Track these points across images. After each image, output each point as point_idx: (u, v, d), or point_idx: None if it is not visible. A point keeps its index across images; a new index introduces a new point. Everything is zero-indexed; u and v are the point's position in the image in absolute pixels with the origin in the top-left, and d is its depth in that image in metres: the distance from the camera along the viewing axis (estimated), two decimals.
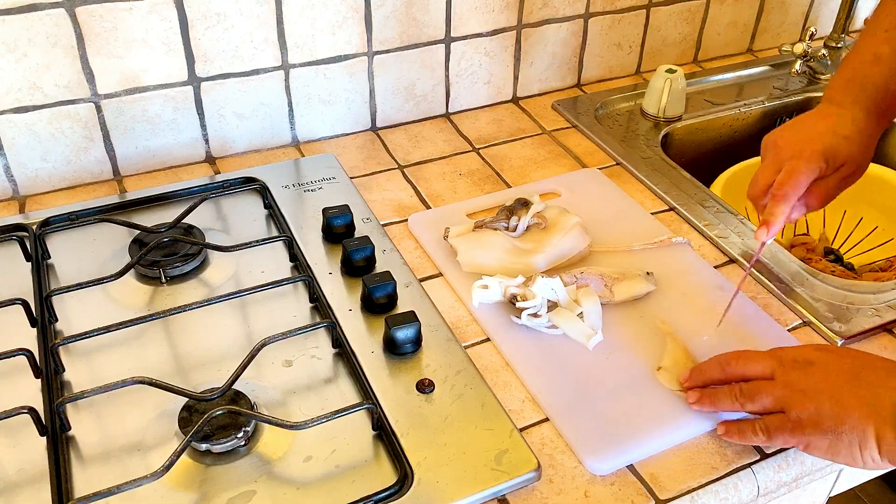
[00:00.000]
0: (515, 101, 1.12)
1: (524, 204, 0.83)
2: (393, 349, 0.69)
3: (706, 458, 0.63)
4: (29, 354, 0.65)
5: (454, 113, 1.09)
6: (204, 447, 0.61)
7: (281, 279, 0.74)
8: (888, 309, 0.76)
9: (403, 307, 0.74)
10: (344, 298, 0.75)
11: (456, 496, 0.58)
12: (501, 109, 1.10)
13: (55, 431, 0.62)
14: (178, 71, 0.89)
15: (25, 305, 0.71)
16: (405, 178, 0.95)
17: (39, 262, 0.79)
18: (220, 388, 0.62)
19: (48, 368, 0.67)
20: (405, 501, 0.57)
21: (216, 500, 0.58)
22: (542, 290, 0.73)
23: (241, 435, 0.61)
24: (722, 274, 0.80)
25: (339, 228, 0.82)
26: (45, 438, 0.62)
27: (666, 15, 1.16)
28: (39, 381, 0.67)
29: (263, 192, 0.90)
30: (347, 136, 1.03)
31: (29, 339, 0.71)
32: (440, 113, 1.08)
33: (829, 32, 1.17)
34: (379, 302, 0.73)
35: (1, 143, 0.86)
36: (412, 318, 0.69)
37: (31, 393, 0.66)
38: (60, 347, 0.68)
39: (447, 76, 1.05)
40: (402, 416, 0.64)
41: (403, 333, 0.68)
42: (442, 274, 0.80)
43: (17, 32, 0.80)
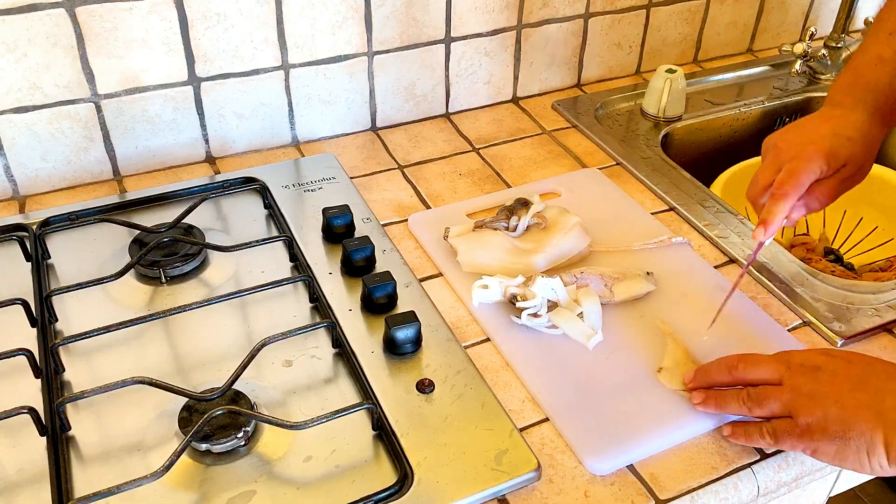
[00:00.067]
0: (515, 101, 1.12)
1: (524, 204, 0.83)
2: (393, 349, 0.69)
3: (706, 458, 0.63)
4: (29, 354, 0.65)
5: (454, 113, 1.09)
6: (204, 447, 0.61)
7: (281, 279, 0.74)
8: (888, 309, 0.76)
9: (403, 307, 0.74)
10: (344, 298, 0.75)
11: (456, 496, 0.58)
12: (501, 109, 1.10)
13: (55, 431, 0.62)
14: (178, 71, 0.89)
15: (25, 305, 0.71)
16: (405, 178, 0.95)
17: (39, 262, 0.79)
18: (220, 388, 0.62)
19: (48, 368, 0.67)
20: (405, 501, 0.57)
21: (216, 500, 0.58)
22: (542, 290, 0.73)
23: (241, 435, 0.61)
24: (722, 274, 0.80)
25: (339, 228, 0.82)
26: (45, 438, 0.62)
27: (666, 15, 1.16)
28: (39, 381, 0.67)
29: (263, 192, 0.90)
30: (347, 136, 1.03)
31: (29, 339, 0.71)
32: (440, 113, 1.08)
33: (829, 32, 1.17)
34: (379, 302, 0.73)
35: (1, 143, 0.86)
36: (412, 318, 0.69)
37: (31, 393, 0.66)
38: (60, 347, 0.68)
39: (447, 76, 1.05)
40: (402, 416, 0.64)
41: (403, 333, 0.68)
42: (442, 274, 0.80)
43: (17, 32, 0.80)
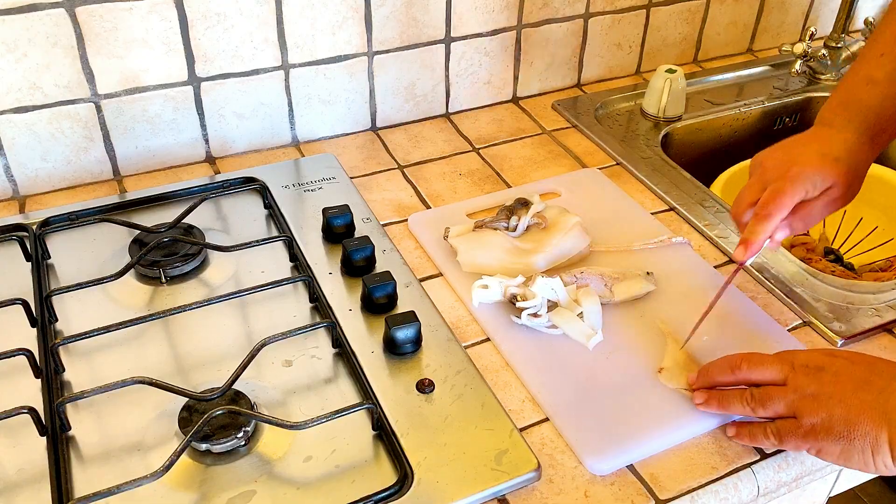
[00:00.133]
0: (515, 101, 1.12)
1: (524, 204, 0.83)
2: (393, 349, 0.69)
3: (706, 458, 0.63)
4: (29, 354, 0.65)
5: (454, 113, 1.09)
6: (204, 447, 0.61)
7: (281, 279, 0.74)
8: (888, 309, 0.76)
9: (403, 307, 0.74)
10: (344, 298, 0.75)
11: (456, 496, 0.58)
12: (501, 109, 1.10)
13: (55, 431, 0.62)
14: (178, 71, 0.89)
15: (25, 305, 0.71)
16: (405, 178, 0.95)
17: (39, 262, 0.79)
18: (220, 388, 0.62)
19: (48, 368, 0.67)
20: (405, 501, 0.57)
21: (216, 500, 0.58)
22: (542, 290, 0.73)
23: (241, 435, 0.61)
24: (722, 274, 0.80)
25: (339, 228, 0.82)
26: (45, 438, 0.62)
27: (666, 15, 1.16)
28: (39, 381, 0.67)
29: (263, 192, 0.90)
30: (347, 136, 1.03)
31: (29, 339, 0.71)
32: (440, 113, 1.08)
33: (829, 32, 1.17)
34: (379, 302, 0.73)
35: (1, 143, 0.86)
36: (412, 318, 0.69)
37: (31, 393, 0.66)
38: (60, 347, 0.68)
39: (447, 76, 1.05)
40: (402, 416, 0.64)
41: (403, 333, 0.68)
42: (442, 274, 0.80)
43: (17, 32, 0.80)
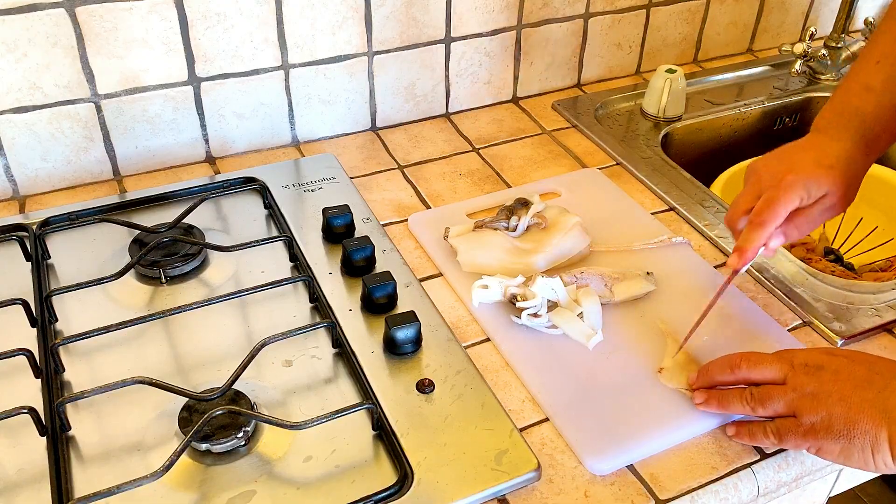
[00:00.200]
0: (515, 101, 1.12)
1: (524, 204, 0.83)
2: (393, 349, 0.69)
3: (706, 458, 0.63)
4: (29, 354, 0.65)
5: (454, 113, 1.09)
6: (204, 447, 0.61)
7: (281, 279, 0.74)
8: (888, 309, 0.76)
9: (403, 307, 0.74)
10: (344, 298, 0.75)
11: (456, 496, 0.58)
12: (501, 109, 1.10)
13: (55, 431, 0.62)
14: (178, 71, 0.89)
15: (25, 305, 0.71)
16: (405, 178, 0.95)
17: (39, 262, 0.79)
18: (220, 388, 0.62)
19: (48, 368, 0.67)
20: (405, 501, 0.57)
21: (216, 500, 0.58)
22: (542, 290, 0.73)
23: (241, 435, 0.61)
24: (722, 274, 0.80)
25: (339, 228, 0.82)
26: (45, 438, 0.62)
27: (666, 15, 1.16)
28: (39, 381, 0.67)
29: (263, 192, 0.90)
30: (347, 136, 1.03)
31: (29, 339, 0.71)
32: (440, 113, 1.08)
33: (829, 32, 1.17)
34: (379, 302, 0.73)
35: (1, 143, 0.86)
36: (412, 318, 0.69)
37: (31, 393, 0.66)
38: (60, 347, 0.68)
39: (447, 76, 1.05)
40: (402, 416, 0.64)
41: (403, 333, 0.68)
42: (442, 274, 0.80)
43: (17, 32, 0.80)
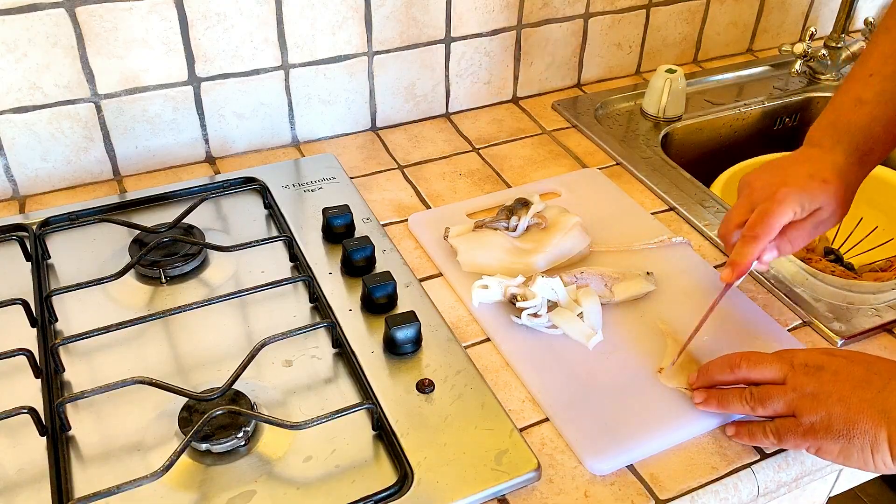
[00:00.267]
0: (515, 101, 1.12)
1: (524, 204, 0.83)
2: (393, 349, 0.69)
3: (706, 458, 0.63)
4: (29, 354, 0.65)
5: (454, 113, 1.09)
6: (204, 447, 0.61)
7: (281, 279, 0.74)
8: (888, 309, 0.76)
9: (403, 307, 0.74)
10: (344, 298, 0.75)
11: (456, 496, 0.58)
12: (501, 109, 1.10)
13: (55, 431, 0.62)
14: (178, 71, 0.89)
15: (25, 305, 0.71)
16: (405, 178, 0.95)
17: (39, 262, 0.79)
18: (220, 388, 0.62)
19: (48, 368, 0.67)
20: (405, 501, 0.57)
21: (216, 500, 0.58)
22: (542, 290, 0.73)
23: (241, 435, 0.61)
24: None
25: (339, 228, 0.82)
26: (45, 438, 0.62)
27: (666, 15, 1.16)
28: (39, 381, 0.67)
29: (263, 192, 0.90)
30: (347, 136, 1.03)
31: (29, 339, 0.71)
32: (440, 113, 1.08)
33: (829, 32, 1.17)
34: (379, 302, 0.73)
35: (1, 143, 0.86)
36: (412, 318, 0.69)
37: (31, 393, 0.66)
38: (60, 347, 0.68)
39: (447, 76, 1.05)
40: (402, 416, 0.64)
41: (403, 333, 0.68)
42: (442, 274, 0.80)
43: (17, 32, 0.80)
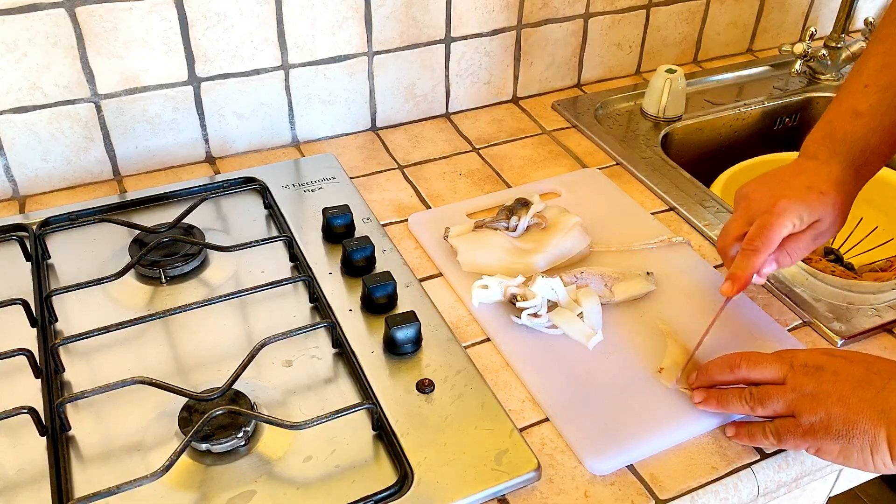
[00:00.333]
0: (515, 101, 1.12)
1: (524, 204, 0.83)
2: (393, 349, 0.69)
3: (706, 458, 0.63)
4: (29, 354, 0.65)
5: (454, 113, 1.09)
6: (204, 447, 0.61)
7: (281, 279, 0.74)
8: (888, 309, 0.76)
9: (403, 307, 0.74)
10: (344, 298, 0.75)
11: (456, 496, 0.58)
12: (501, 109, 1.10)
13: (55, 431, 0.62)
14: (178, 71, 0.89)
15: (25, 305, 0.71)
16: (405, 178, 0.95)
17: (39, 262, 0.79)
18: (220, 388, 0.62)
19: (48, 368, 0.67)
20: (405, 501, 0.57)
21: (216, 500, 0.58)
22: (542, 290, 0.73)
23: (241, 435, 0.61)
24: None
25: (339, 228, 0.82)
26: (45, 438, 0.62)
27: (666, 15, 1.16)
28: (39, 381, 0.67)
29: (263, 192, 0.90)
30: (347, 136, 1.03)
31: (29, 339, 0.71)
32: (440, 113, 1.08)
33: (829, 32, 1.17)
34: (379, 302, 0.73)
35: (1, 143, 0.86)
36: (412, 318, 0.69)
37: (31, 393, 0.66)
38: (60, 347, 0.68)
39: (447, 76, 1.05)
40: (402, 416, 0.64)
41: (403, 333, 0.68)
42: (442, 274, 0.80)
43: (17, 32, 0.80)
